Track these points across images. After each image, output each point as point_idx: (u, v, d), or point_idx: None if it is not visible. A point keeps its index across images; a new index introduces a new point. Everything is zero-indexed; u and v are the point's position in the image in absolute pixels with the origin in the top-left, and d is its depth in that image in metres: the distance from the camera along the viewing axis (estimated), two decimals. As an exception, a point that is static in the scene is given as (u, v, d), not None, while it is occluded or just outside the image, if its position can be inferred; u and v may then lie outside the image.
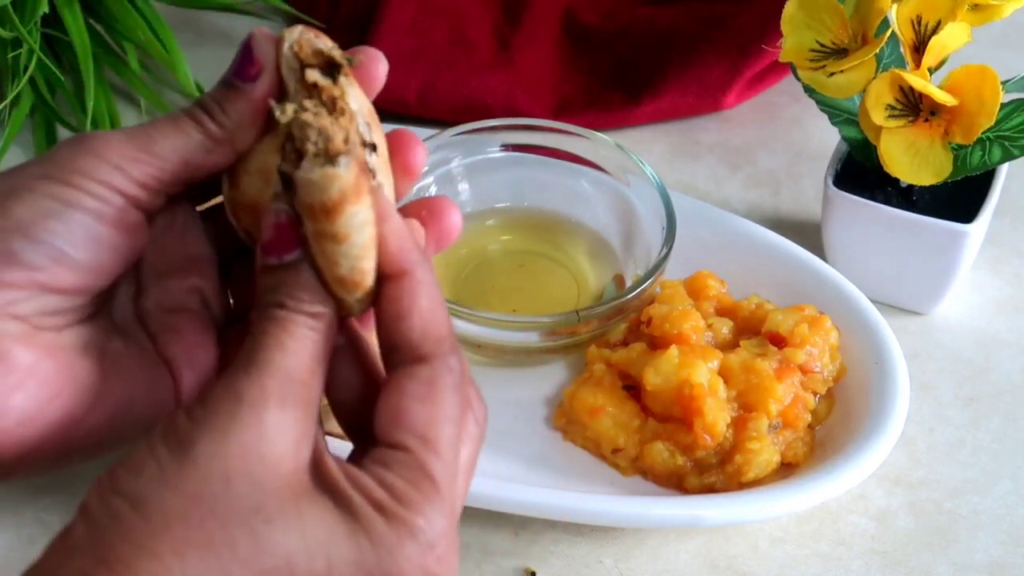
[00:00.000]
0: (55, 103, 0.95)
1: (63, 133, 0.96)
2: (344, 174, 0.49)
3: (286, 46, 0.54)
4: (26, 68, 0.91)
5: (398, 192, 0.57)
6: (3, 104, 0.93)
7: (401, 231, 0.52)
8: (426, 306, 0.52)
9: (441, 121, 0.96)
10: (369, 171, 0.52)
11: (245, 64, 0.55)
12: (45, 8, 0.88)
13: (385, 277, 0.52)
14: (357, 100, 0.53)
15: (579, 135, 0.87)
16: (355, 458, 0.52)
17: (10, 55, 0.92)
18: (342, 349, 0.54)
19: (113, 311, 0.57)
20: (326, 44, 0.54)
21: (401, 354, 0.52)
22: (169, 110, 0.94)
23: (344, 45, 1.06)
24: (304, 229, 0.51)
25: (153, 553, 0.47)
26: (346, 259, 0.51)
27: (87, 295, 0.54)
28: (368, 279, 0.52)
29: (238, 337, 0.56)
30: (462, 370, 0.52)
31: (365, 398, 0.54)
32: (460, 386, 0.52)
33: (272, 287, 0.52)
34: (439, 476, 0.50)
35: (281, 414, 0.49)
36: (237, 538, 0.48)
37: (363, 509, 0.49)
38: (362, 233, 0.51)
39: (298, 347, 0.50)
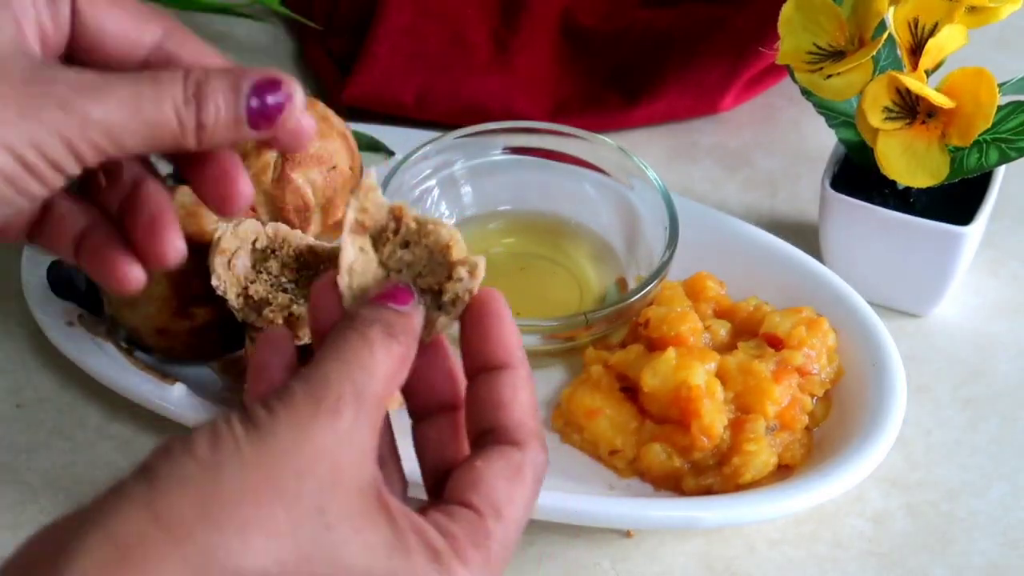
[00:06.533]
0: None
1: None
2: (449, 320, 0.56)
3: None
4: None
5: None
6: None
7: (514, 329, 0.55)
8: (527, 400, 0.55)
9: (439, 123, 0.96)
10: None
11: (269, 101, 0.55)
12: (43, 10, 0.88)
13: (493, 367, 0.55)
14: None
15: (581, 138, 0.88)
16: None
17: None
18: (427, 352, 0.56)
19: None
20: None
21: (496, 435, 0.54)
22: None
23: (342, 48, 1.07)
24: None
25: (218, 525, 0.47)
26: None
27: None
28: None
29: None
30: (544, 470, 0.55)
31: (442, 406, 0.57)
32: (540, 482, 0.54)
33: (372, 315, 0.53)
34: (496, 549, 0.52)
35: (354, 425, 0.50)
36: (300, 534, 0.48)
37: (416, 550, 0.50)
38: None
39: (378, 370, 0.52)
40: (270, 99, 0.54)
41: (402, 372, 0.53)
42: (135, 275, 0.57)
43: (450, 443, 0.56)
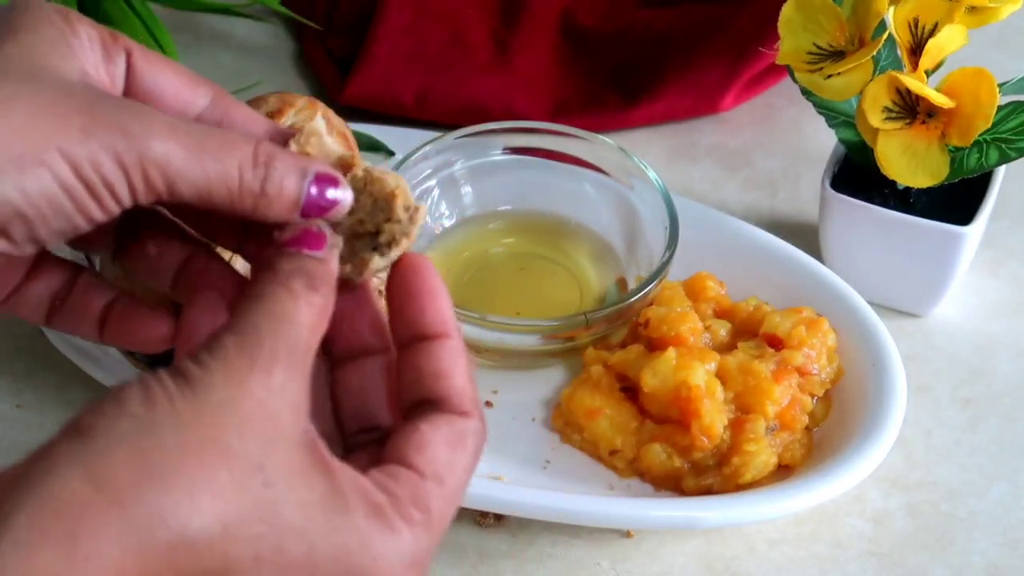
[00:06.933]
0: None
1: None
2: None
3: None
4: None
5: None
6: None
7: (448, 300, 0.55)
8: (465, 368, 0.54)
9: (439, 123, 0.96)
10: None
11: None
12: (43, 10, 0.88)
13: (428, 336, 0.54)
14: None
15: (582, 138, 0.88)
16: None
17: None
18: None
19: None
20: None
21: (439, 405, 0.54)
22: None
23: (342, 48, 1.07)
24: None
25: (164, 486, 0.46)
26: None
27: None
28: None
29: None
30: (483, 439, 0.54)
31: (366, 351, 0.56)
32: (480, 451, 0.54)
33: (292, 267, 0.53)
34: (436, 514, 0.51)
35: (286, 380, 0.49)
36: (241, 493, 0.47)
37: (356, 506, 0.50)
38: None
39: (305, 322, 0.51)
40: (328, 193, 0.54)
41: (323, 323, 0.52)
42: (168, 333, 0.60)
43: (374, 389, 0.56)
